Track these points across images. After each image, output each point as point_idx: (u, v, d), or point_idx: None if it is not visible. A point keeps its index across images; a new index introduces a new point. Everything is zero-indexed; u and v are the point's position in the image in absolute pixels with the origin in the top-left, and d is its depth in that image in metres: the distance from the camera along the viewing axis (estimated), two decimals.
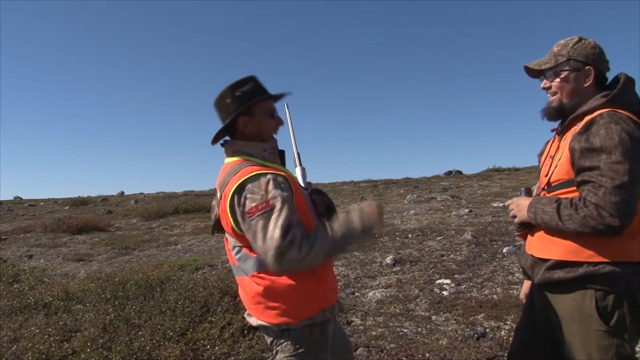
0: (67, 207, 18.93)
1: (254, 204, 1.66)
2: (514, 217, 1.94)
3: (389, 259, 6.19)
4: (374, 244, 6.97)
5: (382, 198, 15.06)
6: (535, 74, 1.94)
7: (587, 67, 1.80)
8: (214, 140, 1.96)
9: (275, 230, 1.61)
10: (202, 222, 12.07)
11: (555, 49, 1.88)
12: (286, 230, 1.62)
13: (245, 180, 1.70)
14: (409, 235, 7.93)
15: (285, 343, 1.81)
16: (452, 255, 6.34)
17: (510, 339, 3.55)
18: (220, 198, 1.82)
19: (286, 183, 1.76)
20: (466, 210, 10.24)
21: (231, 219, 1.74)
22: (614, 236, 1.63)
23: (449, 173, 21.41)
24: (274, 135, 1.98)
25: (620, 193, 1.56)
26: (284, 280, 1.76)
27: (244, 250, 1.80)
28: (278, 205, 1.65)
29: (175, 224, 12.38)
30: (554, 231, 1.76)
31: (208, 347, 3.59)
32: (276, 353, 1.85)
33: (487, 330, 3.76)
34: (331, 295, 1.89)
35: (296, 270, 1.71)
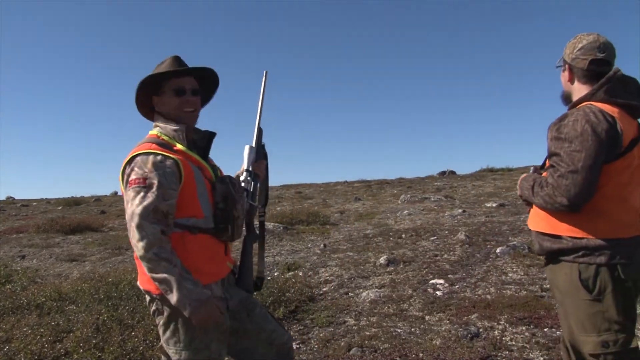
0: (60, 207, 18.83)
1: (134, 177, 1.79)
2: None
3: (382, 259, 6.21)
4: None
5: (375, 198, 15.09)
6: None
7: (567, 65, 2.10)
8: (145, 115, 2.10)
9: (138, 207, 1.74)
10: None
11: None
12: (147, 213, 1.73)
13: (138, 153, 1.83)
14: (403, 236, 7.96)
15: (156, 309, 1.92)
16: (445, 256, 6.37)
17: (504, 338, 3.58)
18: None
19: (174, 168, 1.83)
20: (460, 211, 10.28)
21: (120, 183, 1.89)
22: (588, 213, 1.90)
23: (443, 173, 21.49)
24: (188, 115, 2.00)
25: (572, 176, 1.82)
26: None
27: None
28: (153, 187, 1.77)
29: None
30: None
31: None
32: (153, 314, 1.96)
33: (481, 330, 3.78)
34: (201, 277, 1.86)
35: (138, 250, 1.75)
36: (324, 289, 5.27)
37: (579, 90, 2.05)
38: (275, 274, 6.05)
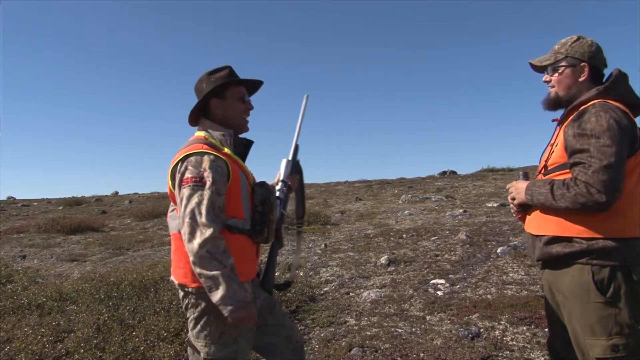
0: (60, 207, 18.85)
1: (190, 175, 1.88)
2: (513, 199, 2.13)
3: (383, 259, 6.21)
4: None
5: (376, 198, 15.09)
6: (539, 69, 2.16)
7: (582, 64, 2.00)
8: (190, 120, 2.18)
9: (198, 206, 1.83)
10: None
11: (556, 47, 2.09)
12: (207, 210, 1.82)
13: (191, 153, 1.93)
14: (404, 236, 7.95)
15: (189, 302, 2.01)
16: (446, 256, 6.36)
17: (504, 338, 3.58)
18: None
19: (224, 167, 1.94)
20: (460, 211, 10.28)
21: (170, 182, 2.00)
22: (601, 213, 1.81)
23: (444, 173, 21.48)
24: (245, 122, 2.17)
25: (608, 172, 1.74)
26: None
27: (175, 210, 2.02)
28: (208, 183, 1.86)
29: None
30: (548, 210, 1.95)
31: None
32: (185, 308, 2.05)
33: (482, 330, 3.78)
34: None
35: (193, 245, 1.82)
36: (325, 289, 5.27)
37: (586, 89, 2.00)
38: (276, 274, 6.05)
